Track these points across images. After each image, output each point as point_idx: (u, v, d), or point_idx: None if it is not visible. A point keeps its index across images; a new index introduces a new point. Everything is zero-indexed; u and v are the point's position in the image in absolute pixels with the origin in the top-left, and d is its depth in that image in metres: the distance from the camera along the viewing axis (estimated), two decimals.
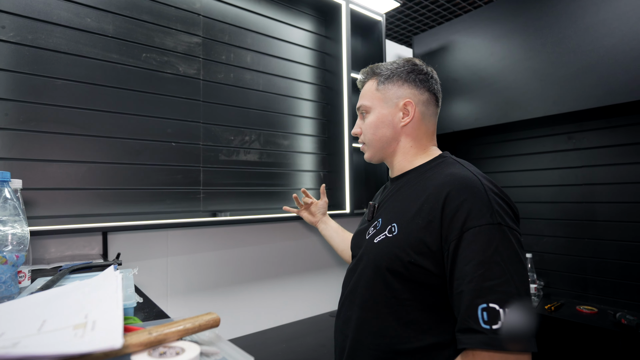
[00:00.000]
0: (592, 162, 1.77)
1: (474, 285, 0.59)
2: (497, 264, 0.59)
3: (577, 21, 1.59)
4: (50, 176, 1.16)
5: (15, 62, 1.12)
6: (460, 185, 0.66)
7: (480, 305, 0.58)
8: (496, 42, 1.88)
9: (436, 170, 0.75)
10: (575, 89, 1.60)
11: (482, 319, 0.57)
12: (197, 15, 1.48)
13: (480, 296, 0.58)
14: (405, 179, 0.81)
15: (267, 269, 1.67)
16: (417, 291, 0.68)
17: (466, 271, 0.60)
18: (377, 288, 0.72)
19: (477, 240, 0.61)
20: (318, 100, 1.87)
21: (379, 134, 0.83)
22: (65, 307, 0.43)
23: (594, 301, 1.74)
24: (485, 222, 0.61)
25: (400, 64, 0.84)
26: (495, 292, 0.57)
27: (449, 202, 0.65)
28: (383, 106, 0.82)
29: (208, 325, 0.47)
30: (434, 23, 2.54)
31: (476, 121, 1.96)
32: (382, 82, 0.83)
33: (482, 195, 0.64)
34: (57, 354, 0.30)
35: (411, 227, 0.69)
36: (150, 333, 0.40)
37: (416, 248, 0.67)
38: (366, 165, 2.04)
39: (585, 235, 1.78)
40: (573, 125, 1.84)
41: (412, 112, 0.80)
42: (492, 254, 0.60)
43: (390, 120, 0.82)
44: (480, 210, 0.62)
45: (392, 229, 0.73)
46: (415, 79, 0.81)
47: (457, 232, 0.63)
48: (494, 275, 0.58)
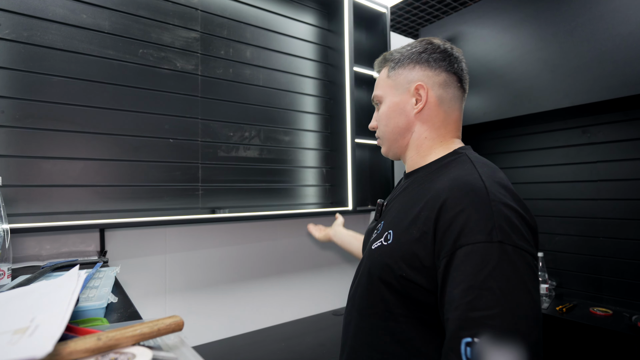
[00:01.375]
0: (608, 157, 1.69)
1: (459, 313, 0.50)
2: (490, 291, 0.49)
3: (591, 8, 1.50)
4: (47, 173, 1.16)
5: (10, 59, 1.12)
6: (460, 192, 0.57)
7: (464, 338, 0.49)
8: (505, 32, 1.80)
9: (445, 170, 0.66)
10: (589, 80, 1.52)
11: (466, 355, 0.48)
12: (195, 10, 1.46)
13: (465, 328, 0.49)
14: (414, 177, 0.72)
15: (267, 267, 1.65)
16: (412, 307, 0.60)
17: (454, 296, 0.52)
18: (371, 298, 0.66)
19: (470, 261, 0.51)
20: (320, 95, 1.83)
21: (391, 124, 0.75)
22: (18, 309, 0.41)
23: (609, 303, 1.66)
24: (482, 239, 0.52)
25: (413, 44, 0.75)
26: (482, 325, 0.48)
27: (444, 212, 0.56)
28: (394, 93, 0.74)
29: (169, 329, 0.45)
30: (442, 14, 2.46)
31: (485, 115, 1.89)
32: (392, 67, 0.75)
33: (484, 206, 0.54)
34: None
35: (405, 237, 0.62)
36: (98, 338, 0.38)
37: (408, 261, 0.59)
38: (370, 162, 2.00)
39: (600, 234, 1.69)
40: (587, 119, 1.76)
41: (424, 96, 0.70)
42: (484, 279, 0.50)
43: (402, 108, 0.73)
44: (477, 225, 0.53)
45: (387, 237, 0.66)
46: (429, 59, 0.71)
47: (449, 248, 0.54)
48: (484, 304, 0.49)
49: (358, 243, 1.17)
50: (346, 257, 1.93)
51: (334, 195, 1.83)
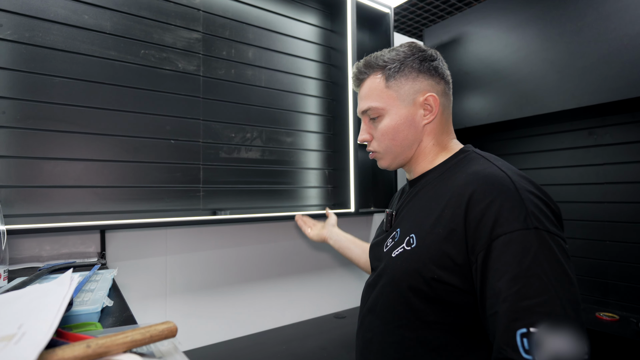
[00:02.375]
0: (616, 159, 1.66)
1: (509, 305, 0.49)
2: (537, 278, 0.49)
3: (598, 8, 1.48)
4: (48, 174, 1.16)
5: (12, 60, 1.12)
6: (486, 185, 0.56)
7: (518, 330, 0.48)
8: (511, 32, 1.78)
9: (458, 169, 0.65)
10: (596, 81, 1.49)
11: (523, 347, 0.47)
12: (197, 11, 1.46)
13: (517, 319, 0.48)
14: (423, 181, 0.71)
15: (269, 269, 1.64)
16: (444, 312, 0.59)
17: (499, 288, 0.50)
18: (399, 309, 0.63)
19: (510, 250, 0.51)
20: (323, 96, 1.82)
21: (399, 138, 0.71)
22: (7, 315, 0.40)
23: (616, 307, 1.63)
24: (519, 226, 0.51)
25: (406, 51, 0.71)
26: (536, 314, 0.47)
27: (472, 205, 0.56)
28: (400, 105, 0.70)
29: (162, 335, 0.44)
30: (446, 14, 2.44)
31: (489, 116, 1.87)
32: (391, 76, 0.70)
33: (513, 194, 0.54)
34: None
35: (431, 237, 0.60)
36: (88, 346, 0.37)
37: (439, 262, 0.58)
38: (373, 163, 1.98)
39: (607, 238, 1.66)
40: (594, 120, 1.73)
41: (435, 106, 0.69)
42: (529, 266, 0.49)
43: (411, 121, 0.70)
44: (512, 213, 0.52)
45: (410, 241, 0.63)
46: (430, 67, 0.70)
47: (485, 240, 0.53)
48: (534, 292, 0.48)
49: (358, 250, 1.10)
50: (350, 262, 1.91)
51: (336, 197, 1.81)
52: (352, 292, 1.91)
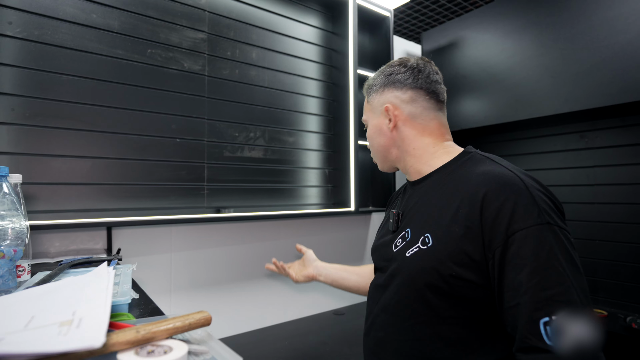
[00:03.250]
0: (605, 162, 1.73)
1: (530, 296, 0.52)
2: (554, 270, 0.52)
3: (592, 16, 1.54)
4: (56, 171, 1.17)
5: (21, 57, 1.13)
6: (498, 184, 0.59)
7: (541, 319, 0.51)
8: (507, 38, 1.84)
9: (465, 170, 0.68)
10: (588, 86, 1.55)
11: (546, 334, 0.50)
12: (203, 11, 1.48)
13: (540, 309, 0.52)
14: (428, 181, 0.74)
15: None
16: (460, 307, 0.62)
17: (519, 281, 0.54)
18: (415, 307, 0.66)
19: (527, 244, 0.54)
20: (324, 97, 1.85)
21: (375, 143, 0.84)
22: (55, 303, 0.43)
23: (604, 304, 1.70)
24: (533, 222, 0.55)
25: (384, 69, 0.82)
26: (556, 303, 0.51)
27: (487, 204, 0.59)
28: (373, 117, 0.83)
29: (199, 324, 0.47)
30: (444, 19, 2.49)
31: (485, 119, 1.92)
32: (369, 93, 0.85)
33: (525, 192, 0.57)
34: (36, 352, 0.29)
35: (448, 236, 0.62)
36: (137, 331, 0.40)
37: (456, 259, 0.60)
38: (372, 163, 2.02)
39: (597, 237, 1.73)
40: (586, 124, 1.79)
41: (392, 115, 0.77)
42: (547, 259, 0.53)
43: (380, 129, 0.81)
44: (526, 210, 0.56)
45: (425, 240, 0.65)
46: (394, 80, 0.78)
47: (502, 237, 0.56)
48: (553, 282, 0.52)
49: (354, 277, 1.07)
50: (348, 258, 1.95)
51: (336, 196, 1.85)
52: None
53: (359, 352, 1.36)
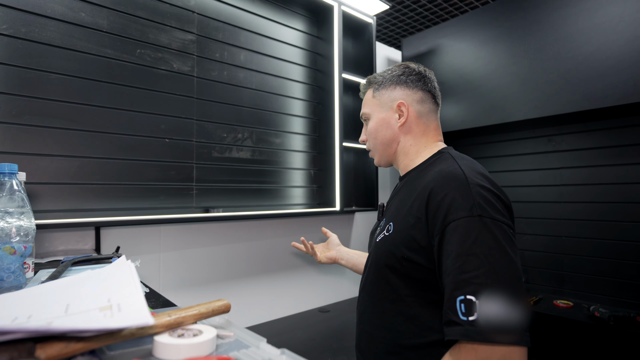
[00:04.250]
0: (570, 163, 1.87)
1: (452, 277, 0.60)
2: (475, 256, 0.59)
3: (558, 30, 1.67)
4: (43, 170, 1.15)
5: (8, 55, 1.11)
6: (443, 180, 0.67)
7: (458, 297, 0.58)
8: (482, 47, 1.95)
9: (430, 168, 0.77)
10: (555, 94, 1.68)
11: (460, 310, 0.57)
12: (192, 13, 1.49)
13: (458, 288, 0.59)
14: (407, 177, 0.84)
15: (258, 265, 1.69)
16: (416, 287, 0.70)
17: (447, 265, 0.62)
18: (380, 285, 0.75)
19: (456, 233, 0.61)
20: (309, 99, 1.90)
21: (379, 137, 0.87)
22: (84, 292, 0.45)
23: (570, 296, 1.83)
24: (464, 214, 0.62)
25: (392, 69, 0.88)
26: (471, 284, 0.58)
27: (432, 198, 0.67)
28: (380, 111, 0.86)
29: (220, 310, 0.50)
30: (422, 27, 2.60)
31: (462, 123, 2.03)
32: (377, 89, 0.88)
33: (464, 188, 0.65)
34: (97, 328, 0.32)
35: (403, 225, 0.72)
36: (170, 316, 0.43)
37: (408, 245, 0.69)
38: (355, 164, 2.09)
39: (563, 234, 1.87)
40: (552, 129, 1.93)
41: (405, 111, 0.83)
42: (469, 246, 0.60)
43: (387, 123, 0.85)
44: (460, 204, 0.63)
45: (389, 228, 0.76)
46: (407, 80, 0.85)
47: (440, 226, 0.64)
48: (471, 267, 0.59)
49: None
50: None
51: (322, 196, 1.89)
52: (334, 287, 2.00)
53: (346, 346, 1.42)
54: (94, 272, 0.53)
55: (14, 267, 0.58)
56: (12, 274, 0.58)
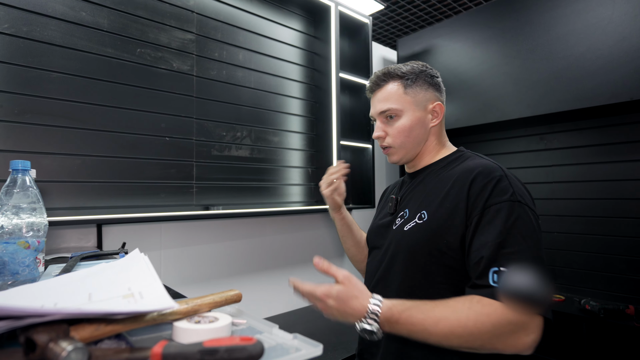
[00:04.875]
0: (561, 161, 1.91)
1: (490, 251, 0.65)
2: (515, 235, 0.65)
3: (550, 30, 1.71)
4: (45, 168, 1.16)
5: (9, 54, 1.11)
6: (485, 170, 0.73)
7: (492, 268, 0.64)
8: (476, 47, 1.99)
9: (457, 162, 0.81)
10: (547, 93, 1.72)
11: (492, 279, 0.63)
12: (191, 12, 1.50)
13: (494, 260, 0.64)
14: (426, 172, 0.86)
15: (257, 262, 1.71)
16: (449, 274, 0.72)
17: (486, 240, 0.66)
18: (411, 273, 0.76)
19: (499, 215, 0.67)
20: (307, 98, 1.92)
21: (412, 135, 0.85)
22: (104, 283, 0.47)
23: (562, 290, 1.88)
24: (507, 198, 0.68)
25: (420, 67, 0.87)
26: (507, 259, 0.63)
27: (474, 184, 0.72)
28: (415, 109, 0.84)
29: (232, 299, 0.53)
30: (417, 27, 2.63)
31: (457, 122, 2.07)
32: (409, 85, 0.84)
33: (503, 178, 0.71)
34: (128, 311, 0.34)
35: (441, 211, 0.74)
36: (187, 303, 0.45)
37: (447, 230, 0.72)
38: (352, 162, 2.11)
39: (555, 229, 1.91)
40: (544, 127, 1.98)
41: (440, 113, 0.86)
42: (511, 226, 0.66)
43: (422, 122, 0.85)
44: (503, 190, 0.69)
45: (422, 216, 0.77)
46: (437, 83, 0.88)
47: (480, 209, 0.69)
48: (511, 244, 0.64)
49: (356, 229, 1.10)
50: (329, 253, 2.03)
51: (319, 194, 1.91)
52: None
53: (347, 340, 1.45)
54: (109, 264, 0.54)
55: (29, 260, 0.60)
56: (26, 267, 0.59)
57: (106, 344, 0.36)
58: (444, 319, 0.62)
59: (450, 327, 0.62)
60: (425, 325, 0.63)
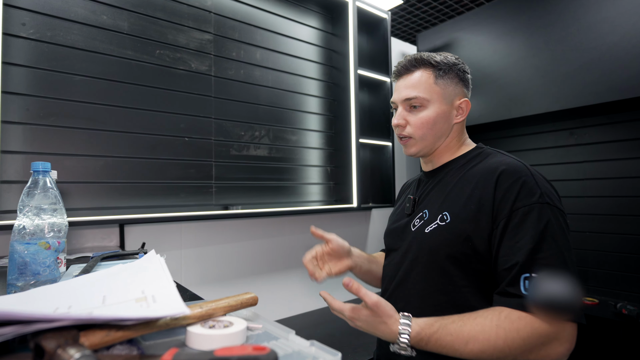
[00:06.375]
0: (594, 157, 1.81)
1: (521, 257, 0.62)
2: (547, 239, 0.62)
3: (580, 19, 1.62)
4: (69, 170, 1.19)
5: (35, 58, 1.14)
6: (509, 170, 0.69)
7: (523, 274, 0.61)
8: (499, 39, 1.91)
9: (480, 159, 0.78)
10: (577, 85, 1.63)
11: (523, 286, 0.60)
12: (209, 13, 1.51)
13: (525, 266, 0.61)
14: (445, 170, 0.82)
15: (277, 261, 1.71)
16: (473, 277, 0.70)
17: (517, 246, 0.63)
18: (433, 276, 0.73)
19: (529, 218, 0.64)
20: (325, 96, 1.90)
21: (436, 128, 0.80)
22: (120, 285, 0.46)
23: (595, 293, 1.78)
24: (535, 200, 0.65)
25: (453, 60, 0.82)
26: (540, 265, 0.61)
27: (500, 184, 0.68)
28: (442, 102, 0.80)
29: (248, 303, 0.51)
30: (437, 21, 2.57)
31: (480, 117, 2.00)
32: (440, 76, 0.80)
33: (530, 177, 0.68)
34: (137, 317, 0.33)
35: (464, 213, 0.71)
36: (201, 307, 0.44)
37: (472, 232, 0.69)
38: (372, 161, 2.08)
39: (586, 229, 1.82)
40: (575, 121, 1.88)
41: (466, 110, 0.82)
42: (543, 230, 0.63)
43: (447, 116, 0.81)
44: (530, 191, 0.66)
45: (444, 217, 0.73)
46: (467, 79, 0.84)
47: (507, 211, 0.66)
48: (543, 249, 0.62)
49: (377, 267, 0.98)
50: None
51: (338, 193, 1.89)
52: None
53: (366, 342, 1.42)
54: (125, 265, 0.54)
55: (49, 261, 0.60)
56: (47, 268, 0.60)
57: (118, 349, 0.36)
58: (473, 340, 0.60)
59: (480, 348, 0.60)
60: (455, 347, 0.61)
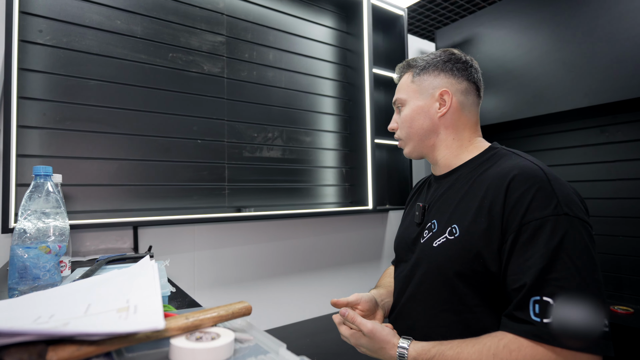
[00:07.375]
0: (627, 156, 1.70)
1: (530, 277, 0.56)
2: (560, 257, 0.56)
3: (610, 9, 1.52)
4: (84, 173, 1.21)
5: (51, 64, 1.17)
6: (522, 176, 0.62)
7: (533, 297, 0.55)
8: (523, 33, 1.83)
9: (492, 163, 0.71)
10: (608, 80, 1.53)
11: (533, 310, 0.55)
12: (221, 15, 1.51)
13: (535, 288, 0.55)
14: (455, 175, 0.76)
15: (290, 264, 1.69)
16: (485, 295, 0.64)
17: (527, 265, 0.57)
18: (442, 294, 0.68)
19: (541, 232, 0.57)
20: (339, 96, 1.87)
21: (415, 126, 0.79)
22: (108, 292, 0.45)
23: (630, 301, 1.67)
24: (549, 213, 0.58)
25: (436, 54, 0.80)
26: (551, 286, 0.55)
27: (510, 192, 0.62)
28: (418, 97, 0.79)
29: (240, 313, 0.49)
30: (457, 16, 2.48)
31: (503, 115, 1.91)
32: (417, 73, 0.80)
33: (546, 184, 0.60)
34: (105, 332, 0.31)
35: (474, 227, 0.65)
36: (187, 318, 0.42)
37: (482, 248, 0.63)
38: (388, 161, 2.03)
39: (620, 233, 1.70)
40: (606, 118, 1.77)
41: (449, 101, 0.76)
42: (557, 246, 0.56)
43: (426, 112, 0.78)
44: (545, 200, 0.59)
45: (452, 231, 0.68)
46: (452, 68, 0.78)
47: (516, 224, 0.59)
48: (555, 268, 0.55)
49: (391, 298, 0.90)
50: (365, 256, 1.96)
51: (354, 195, 1.86)
52: (369, 287, 1.96)
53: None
54: (120, 271, 0.53)
55: (50, 265, 0.60)
56: (47, 272, 0.60)
57: None
58: None
59: None
60: None
